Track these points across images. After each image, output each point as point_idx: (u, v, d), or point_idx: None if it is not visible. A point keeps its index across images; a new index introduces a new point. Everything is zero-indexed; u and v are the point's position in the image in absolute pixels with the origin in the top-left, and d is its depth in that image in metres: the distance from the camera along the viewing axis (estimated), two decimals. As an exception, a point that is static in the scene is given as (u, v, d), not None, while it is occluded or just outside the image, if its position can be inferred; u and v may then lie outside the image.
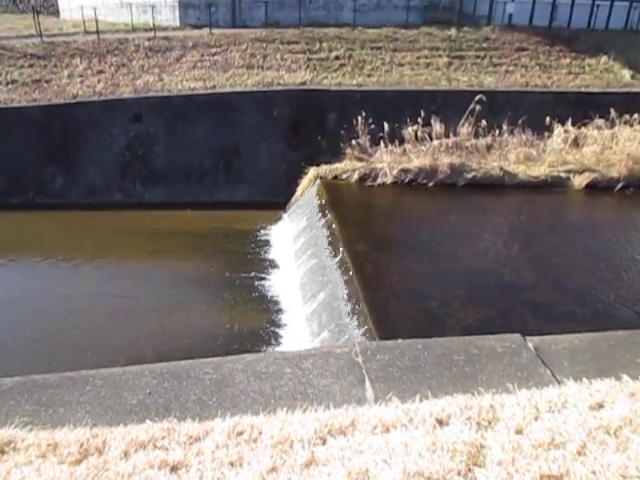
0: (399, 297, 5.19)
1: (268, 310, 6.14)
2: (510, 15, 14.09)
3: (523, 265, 5.78)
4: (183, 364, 3.30)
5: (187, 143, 9.56)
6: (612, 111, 9.05)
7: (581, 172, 8.24)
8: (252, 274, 6.89)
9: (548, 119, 8.87)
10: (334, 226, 6.77)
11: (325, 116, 9.55)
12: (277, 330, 5.75)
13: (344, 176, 8.45)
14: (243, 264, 7.22)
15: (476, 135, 8.96)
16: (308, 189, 8.55)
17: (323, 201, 7.70)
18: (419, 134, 8.75)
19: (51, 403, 2.92)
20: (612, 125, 8.94)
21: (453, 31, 12.59)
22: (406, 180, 8.18)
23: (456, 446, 2.36)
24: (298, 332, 5.66)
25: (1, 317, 5.83)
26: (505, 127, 8.98)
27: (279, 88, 9.77)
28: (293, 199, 8.86)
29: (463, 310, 4.90)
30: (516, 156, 8.66)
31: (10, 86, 9.61)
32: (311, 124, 9.46)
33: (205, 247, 7.66)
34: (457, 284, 5.42)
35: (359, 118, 8.81)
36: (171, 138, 9.46)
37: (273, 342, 5.54)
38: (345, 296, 5.34)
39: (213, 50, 11.16)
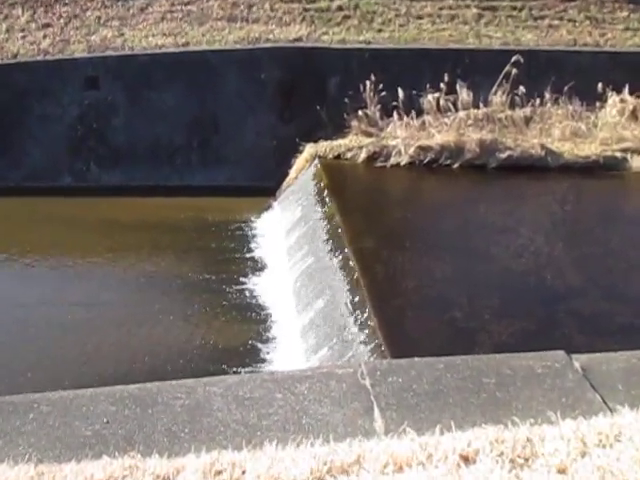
0: (416, 306, 5.25)
1: (254, 321, 6.15)
2: (555, -44, 14.10)
3: (569, 267, 5.80)
4: (149, 387, 3.32)
5: (154, 114, 9.54)
6: (680, 76, 9.15)
7: (641, 151, 8.32)
8: (234, 277, 6.91)
9: (600, 86, 8.85)
10: (336, 217, 6.76)
11: (325, 81, 9.54)
12: (265, 346, 5.75)
13: (348, 155, 8.38)
14: (223, 264, 7.19)
15: (512, 105, 8.95)
16: (304, 171, 8.48)
17: (322, 186, 7.67)
18: (442, 103, 8.74)
19: (-14, 434, 2.95)
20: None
21: (484, -25, 12.61)
22: (425, 160, 8.12)
23: (485, 489, 2.38)
24: (291, 349, 5.62)
25: None
26: (547, 95, 8.95)
27: (268, 46, 9.74)
28: (285, 184, 8.81)
29: (495, 322, 4.92)
30: (561, 131, 8.66)
31: None
32: (307, 91, 9.46)
33: (176, 243, 7.66)
34: (488, 290, 5.46)
35: (367, 83, 8.79)
36: (134, 108, 9.45)
37: (260, 361, 5.53)
38: (349, 304, 5.36)
39: (186, -3, 11.19)
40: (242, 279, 6.87)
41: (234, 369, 5.36)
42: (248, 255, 7.43)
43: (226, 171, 9.77)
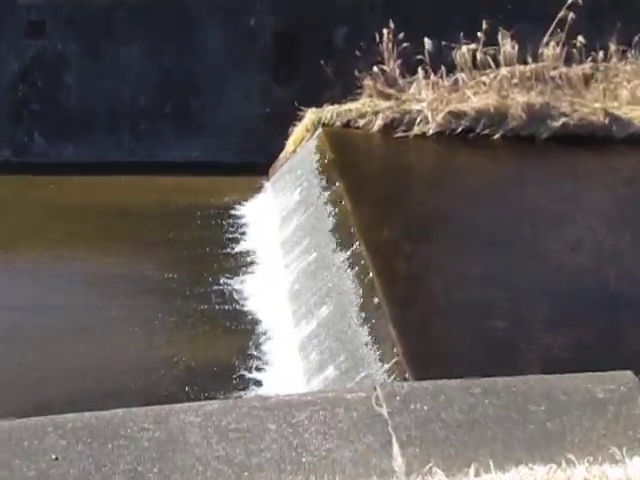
0: (446, 313, 5.16)
1: (240, 333, 6.12)
2: None
3: (638, 265, 5.86)
4: (109, 415, 3.25)
5: (115, 72, 9.49)
6: None
7: None
8: (215, 277, 6.90)
9: (681, 35, 8.85)
10: (345, 201, 6.73)
11: (331, 29, 9.51)
12: (254, 365, 5.72)
13: (360, 123, 8.34)
14: (201, 261, 7.19)
15: (567, 60, 8.93)
16: (304, 144, 8.43)
17: (327, 162, 7.63)
18: (479, 58, 8.71)
19: None
20: None
21: None
22: (458, 129, 8.06)
23: None
24: (287, 368, 5.56)
25: None
26: (613, 47, 8.94)
27: (259, -15, 9.73)
28: (280, 159, 8.78)
29: (545, 333, 4.81)
30: (630, 93, 8.60)
31: None
32: (309, 42, 9.41)
33: (142, 234, 7.64)
34: (536, 293, 5.34)
35: (384, 32, 8.77)
36: (90, 63, 9.40)
37: (248, 383, 5.48)
38: (361, 312, 5.30)
39: None
40: (225, 280, 6.86)
41: (215, 393, 5.32)
42: (232, 250, 7.40)
43: (206, 143, 9.69)
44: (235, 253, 7.37)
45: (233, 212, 8.19)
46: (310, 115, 8.86)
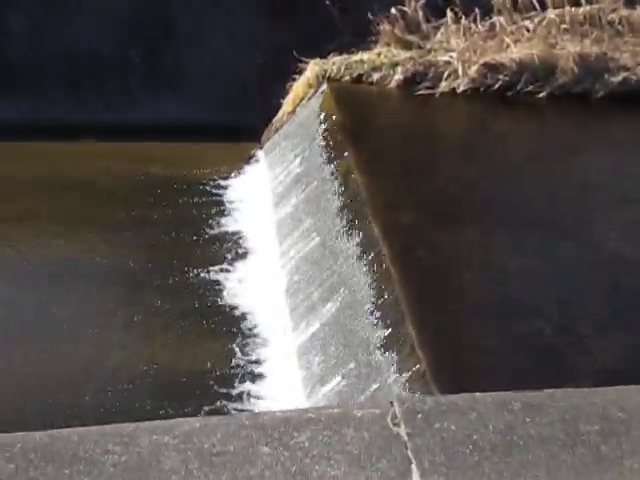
0: (478, 312, 5.22)
1: (227, 336, 6.16)
2: None
3: None
4: (66, 434, 3.25)
5: (71, 12, 9.53)
6: None
7: None
8: (198, 266, 6.93)
9: None
10: (355, 175, 6.77)
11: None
12: (243, 374, 5.77)
13: (375, 77, 8.39)
14: (181, 246, 7.23)
15: (629, 1, 8.94)
16: (305, 103, 8.46)
17: (334, 126, 7.67)
18: (520, -3, 8.74)
19: None
20: None
21: None
22: (495, 86, 8.12)
23: None
24: (284, 378, 5.65)
25: None
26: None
27: None
28: (276, 122, 8.81)
29: (599, 337, 4.85)
30: None
31: None
32: (312, -25, 9.41)
33: (108, 213, 7.66)
34: (588, 289, 5.39)
35: (404, -36, 8.79)
36: (40, 3, 9.44)
37: (236, 398, 5.51)
38: (374, 310, 5.34)
39: None
40: (207, 270, 6.88)
41: (196, 409, 5.31)
42: (217, 233, 7.44)
43: (183, 101, 9.68)
44: (220, 237, 7.39)
45: (217, 187, 8.17)
46: (313, 67, 8.86)
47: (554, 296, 5.36)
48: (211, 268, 6.95)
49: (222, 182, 8.29)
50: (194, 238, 7.42)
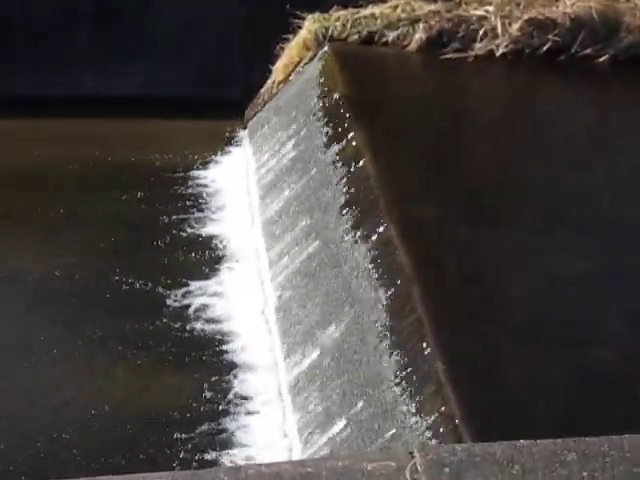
0: (521, 334, 5.10)
1: (201, 367, 6.12)
2: None
3: None
4: None
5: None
6: None
7: None
8: (166, 277, 6.95)
9: None
10: (364, 161, 6.70)
11: None
12: (222, 415, 5.70)
13: (390, 36, 8.43)
14: (145, 252, 7.31)
15: None
16: (301, 69, 8.59)
17: (338, 98, 7.64)
18: None
19: None
20: None
21: None
22: (544, 48, 8.22)
23: None
24: (273, 422, 5.61)
25: None
26: None
27: None
28: (263, 93, 8.98)
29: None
30: None
31: None
32: None
33: (56, 209, 7.78)
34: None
35: None
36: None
37: (213, 445, 5.45)
38: (389, 334, 5.24)
39: None
40: (178, 283, 6.86)
41: (160, 462, 5.30)
42: (190, 236, 7.50)
43: (147, 68, 9.72)
44: (191, 243, 7.41)
45: (191, 177, 8.27)
46: (311, 24, 8.88)
47: (617, 313, 5.25)
48: (181, 280, 6.91)
49: (195, 171, 8.30)
50: (158, 244, 7.44)
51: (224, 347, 6.33)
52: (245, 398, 5.87)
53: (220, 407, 5.85)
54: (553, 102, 7.93)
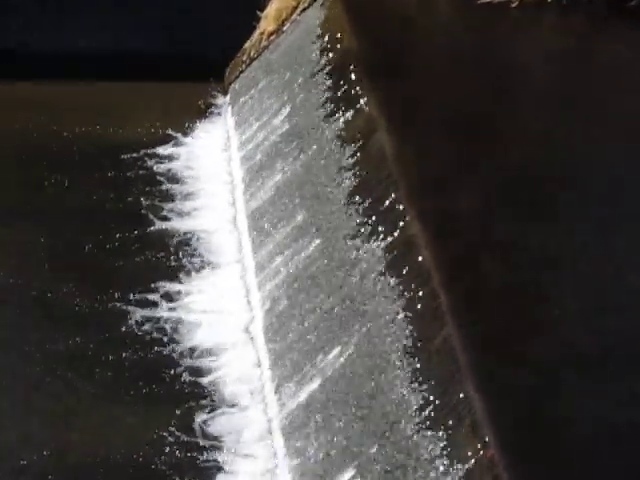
0: (581, 362, 5.17)
1: (174, 406, 6.25)
2: None
3: None
4: None
5: None
6: None
7: None
8: (132, 286, 7.12)
9: None
10: (379, 135, 6.82)
11: None
12: (203, 467, 5.85)
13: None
14: (107, 251, 7.49)
15: None
16: (297, 16, 8.52)
17: (345, 54, 7.79)
18: None
19: None
20: None
21: None
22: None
23: None
24: (264, 467, 5.78)
25: None
26: None
27: None
28: (249, 49, 8.91)
29: None
30: None
31: None
32: None
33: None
34: None
35: None
36: None
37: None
38: (410, 359, 5.35)
39: None
40: (148, 294, 7.03)
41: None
42: (155, 233, 7.64)
43: (111, 22, 9.85)
44: (159, 241, 7.51)
45: (157, 157, 8.39)
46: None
47: None
48: (151, 289, 7.11)
49: (161, 149, 8.31)
50: (117, 244, 7.58)
51: (202, 376, 6.52)
52: (230, 440, 6.16)
53: (194, 452, 6.13)
54: (619, 60, 7.98)
